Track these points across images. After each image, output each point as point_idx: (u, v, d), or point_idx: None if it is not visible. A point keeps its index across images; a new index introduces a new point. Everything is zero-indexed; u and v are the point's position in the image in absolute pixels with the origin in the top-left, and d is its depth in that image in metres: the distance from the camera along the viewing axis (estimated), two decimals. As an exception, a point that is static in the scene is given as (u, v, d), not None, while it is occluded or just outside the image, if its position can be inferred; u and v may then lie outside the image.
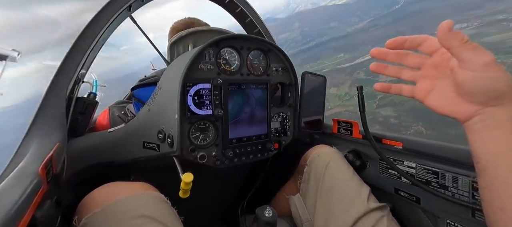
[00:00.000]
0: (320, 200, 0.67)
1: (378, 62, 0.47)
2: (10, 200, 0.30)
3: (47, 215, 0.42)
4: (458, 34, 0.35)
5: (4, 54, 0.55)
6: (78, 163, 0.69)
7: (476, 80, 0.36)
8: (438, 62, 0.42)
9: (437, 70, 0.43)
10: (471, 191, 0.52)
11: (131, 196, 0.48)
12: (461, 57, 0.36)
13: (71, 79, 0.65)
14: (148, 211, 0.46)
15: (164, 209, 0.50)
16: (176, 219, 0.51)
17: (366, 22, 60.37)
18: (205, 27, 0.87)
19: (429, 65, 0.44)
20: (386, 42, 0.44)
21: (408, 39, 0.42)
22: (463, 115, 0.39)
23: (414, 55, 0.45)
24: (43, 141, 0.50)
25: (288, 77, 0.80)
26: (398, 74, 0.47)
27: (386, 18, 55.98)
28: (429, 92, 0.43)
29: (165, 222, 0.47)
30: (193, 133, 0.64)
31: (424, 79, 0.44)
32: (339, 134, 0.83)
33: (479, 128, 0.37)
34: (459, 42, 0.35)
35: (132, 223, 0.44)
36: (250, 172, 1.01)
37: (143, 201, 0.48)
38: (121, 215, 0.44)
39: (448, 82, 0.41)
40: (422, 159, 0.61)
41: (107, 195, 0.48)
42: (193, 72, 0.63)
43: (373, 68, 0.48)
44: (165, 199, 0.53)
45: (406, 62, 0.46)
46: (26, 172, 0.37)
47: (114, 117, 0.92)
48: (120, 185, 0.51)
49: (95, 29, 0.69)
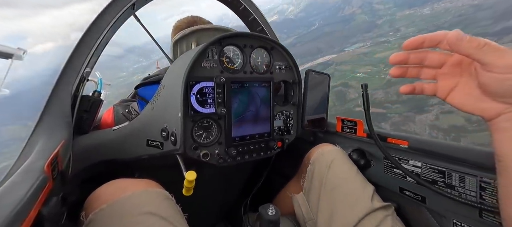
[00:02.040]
0: (324, 199, 0.66)
1: (398, 67, 0.46)
2: (16, 197, 0.30)
3: (53, 212, 0.42)
4: (473, 41, 0.34)
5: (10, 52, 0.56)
6: (83, 160, 0.70)
7: (500, 82, 0.35)
8: (462, 59, 0.41)
9: (461, 68, 0.41)
10: (479, 191, 0.51)
11: (137, 192, 0.48)
12: (483, 61, 0.35)
13: (76, 78, 0.66)
14: (153, 208, 0.47)
15: (169, 207, 0.50)
16: (181, 216, 0.52)
17: (293, 39, 74.58)
18: (208, 25, 0.87)
19: (451, 63, 0.42)
20: (403, 44, 0.42)
21: (427, 38, 0.40)
22: (489, 113, 0.38)
23: (436, 53, 0.43)
24: (49, 138, 0.51)
25: (292, 75, 0.80)
26: (418, 74, 0.46)
27: (307, 36, 71.08)
28: (452, 90, 0.42)
29: (170, 219, 0.47)
30: (196, 131, 0.64)
31: (446, 77, 0.43)
32: (343, 133, 0.82)
33: (506, 126, 0.36)
34: (476, 49, 0.34)
35: (138, 219, 0.44)
36: (253, 170, 1.01)
37: (149, 198, 0.49)
38: (127, 211, 0.45)
39: (472, 79, 0.39)
40: (428, 158, 0.60)
41: (113, 192, 0.49)
42: (196, 70, 0.63)
43: (394, 73, 0.46)
44: (170, 197, 0.53)
45: (428, 62, 0.44)
46: (32, 169, 0.37)
47: (119, 115, 0.93)
48: (126, 182, 0.52)
49: (99, 27, 0.70)
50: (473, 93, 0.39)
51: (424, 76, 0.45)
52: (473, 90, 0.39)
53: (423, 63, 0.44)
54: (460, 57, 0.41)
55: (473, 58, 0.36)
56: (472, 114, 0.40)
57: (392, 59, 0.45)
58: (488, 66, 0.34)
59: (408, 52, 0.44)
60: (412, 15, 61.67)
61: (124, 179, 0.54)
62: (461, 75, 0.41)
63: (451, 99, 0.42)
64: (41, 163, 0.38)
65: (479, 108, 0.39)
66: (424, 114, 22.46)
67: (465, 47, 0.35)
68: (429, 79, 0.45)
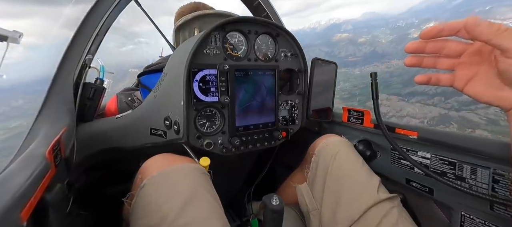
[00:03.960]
0: (328, 190, 0.66)
1: (413, 56, 0.44)
2: (17, 183, 0.30)
3: (57, 198, 0.43)
4: (491, 26, 0.33)
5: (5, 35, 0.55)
6: (87, 148, 0.71)
7: None
8: (482, 47, 0.39)
9: (480, 57, 0.39)
10: (491, 183, 0.49)
11: (181, 165, 0.54)
12: (502, 47, 0.33)
13: (78, 65, 0.65)
14: (195, 179, 0.53)
15: (207, 181, 0.56)
16: (215, 191, 0.56)
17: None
18: (211, 11, 0.84)
19: (471, 51, 0.40)
20: (421, 33, 0.41)
21: (446, 26, 0.38)
22: (509, 102, 0.36)
23: (455, 42, 0.41)
24: (51, 126, 0.50)
25: (298, 63, 0.77)
26: (435, 64, 0.44)
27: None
28: (470, 80, 0.40)
29: (208, 189, 0.54)
30: (200, 120, 0.63)
31: (464, 66, 0.41)
32: (349, 123, 0.80)
33: None
34: (495, 34, 0.33)
35: (183, 187, 0.50)
36: (257, 159, 1.00)
37: (192, 170, 0.54)
38: (174, 179, 0.51)
39: (492, 68, 0.38)
40: (438, 149, 0.58)
41: (162, 163, 0.54)
42: (199, 57, 0.61)
43: (409, 62, 0.45)
44: (207, 173, 0.58)
45: (446, 50, 0.42)
46: (33, 155, 0.37)
47: (122, 103, 0.93)
48: (173, 156, 0.58)
49: (99, 13, 0.68)
50: (492, 82, 0.38)
51: (440, 66, 0.44)
52: (493, 79, 0.38)
53: (441, 52, 0.42)
54: (480, 46, 0.39)
55: (492, 44, 0.34)
56: (491, 104, 0.39)
57: (408, 48, 0.43)
58: (509, 52, 0.33)
59: (425, 41, 0.42)
60: (346, 73, 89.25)
61: (171, 153, 0.59)
62: (480, 64, 0.39)
63: (469, 90, 0.41)
64: (42, 150, 0.38)
65: (498, 98, 0.38)
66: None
67: (483, 33, 0.34)
68: (446, 69, 0.43)
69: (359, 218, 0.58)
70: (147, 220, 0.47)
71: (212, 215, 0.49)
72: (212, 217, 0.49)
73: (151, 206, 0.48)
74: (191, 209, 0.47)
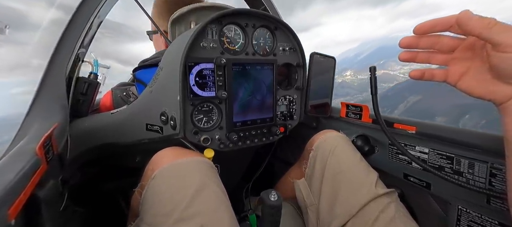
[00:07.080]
0: (326, 185, 0.66)
1: (407, 51, 0.45)
2: (5, 179, 0.29)
3: (50, 194, 0.41)
4: (482, 20, 0.33)
5: None
6: (82, 144, 0.69)
7: (511, 63, 0.33)
8: (474, 42, 0.40)
9: (473, 52, 0.40)
10: (488, 177, 0.49)
11: (191, 159, 0.55)
12: (494, 41, 0.34)
13: (70, 59, 0.63)
14: (204, 172, 0.54)
15: (215, 175, 0.57)
16: (222, 186, 0.56)
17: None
18: (208, 3, 0.82)
19: (463, 47, 0.41)
20: (414, 28, 0.41)
21: (439, 21, 0.39)
22: (501, 96, 0.37)
23: (448, 38, 0.42)
24: (43, 121, 0.49)
25: (296, 57, 0.76)
26: (428, 60, 0.45)
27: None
28: (463, 75, 0.41)
29: (217, 182, 0.55)
30: (196, 115, 0.62)
31: (457, 61, 0.42)
32: (347, 118, 0.80)
33: None
34: (486, 28, 0.33)
35: (193, 179, 0.51)
36: (255, 155, 1.00)
37: (201, 164, 0.55)
38: (184, 172, 0.52)
39: (484, 63, 0.38)
40: (436, 143, 0.58)
41: (173, 155, 0.56)
42: (195, 51, 0.60)
43: (403, 57, 0.46)
44: (215, 168, 0.59)
45: (439, 46, 0.43)
46: (22, 151, 0.36)
47: (117, 98, 0.91)
48: (183, 150, 0.59)
49: (91, 4, 0.65)
50: (484, 77, 0.39)
51: (434, 61, 0.44)
52: (485, 74, 0.39)
53: (434, 48, 0.43)
54: (472, 41, 0.40)
55: (483, 38, 0.34)
56: (483, 99, 0.39)
57: (402, 43, 0.44)
58: (500, 46, 0.33)
59: (419, 37, 0.42)
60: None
61: (181, 147, 0.60)
62: (472, 59, 0.40)
63: (462, 85, 0.41)
64: (32, 146, 0.37)
65: (490, 92, 0.38)
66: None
67: (474, 27, 0.34)
68: (439, 64, 0.44)
69: (356, 213, 0.58)
70: (159, 209, 0.48)
71: (220, 207, 0.50)
72: (220, 208, 0.50)
73: (162, 195, 0.49)
74: (200, 200, 0.48)
